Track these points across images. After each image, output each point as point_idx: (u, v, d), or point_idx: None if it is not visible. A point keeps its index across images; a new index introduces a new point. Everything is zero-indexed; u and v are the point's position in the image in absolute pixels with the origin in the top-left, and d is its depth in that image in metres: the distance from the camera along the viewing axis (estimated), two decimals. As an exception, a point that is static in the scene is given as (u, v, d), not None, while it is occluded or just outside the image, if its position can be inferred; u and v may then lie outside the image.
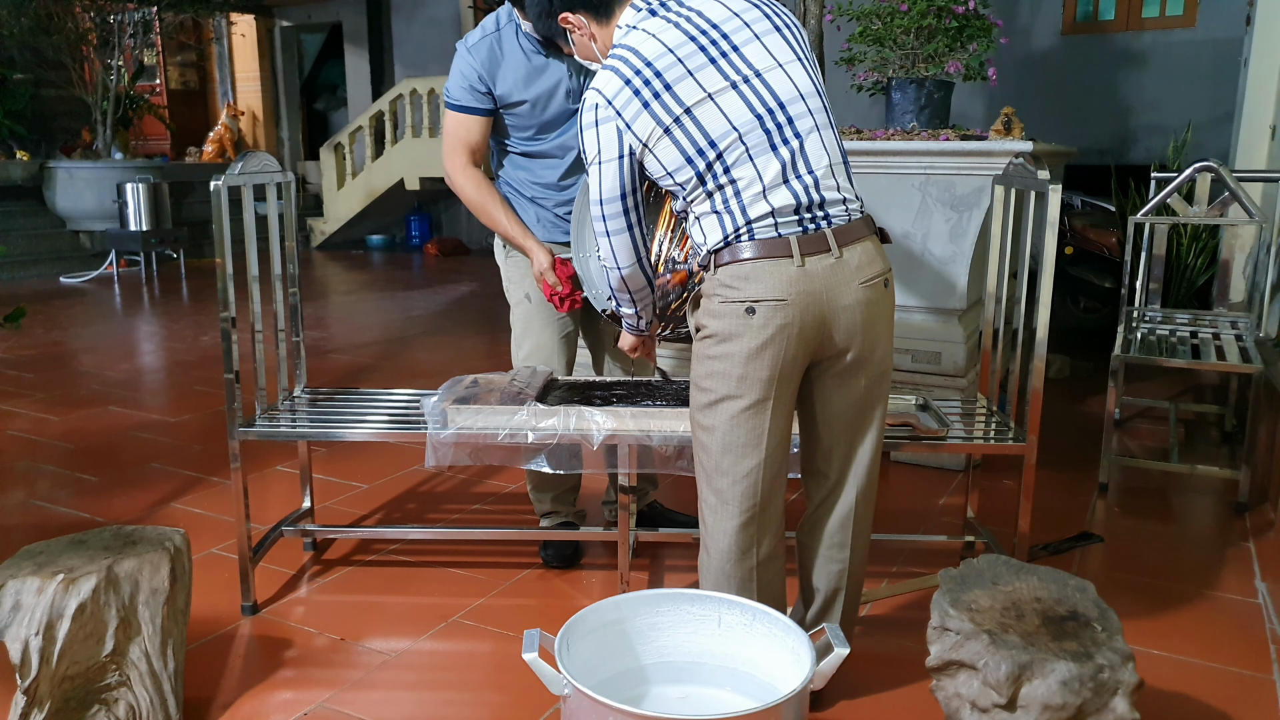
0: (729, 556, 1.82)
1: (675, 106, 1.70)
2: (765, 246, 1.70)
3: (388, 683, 2.14)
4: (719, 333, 1.74)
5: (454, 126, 2.51)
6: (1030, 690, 1.47)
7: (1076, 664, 1.46)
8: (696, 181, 1.73)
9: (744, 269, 1.71)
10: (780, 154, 1.71)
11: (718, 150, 1.71)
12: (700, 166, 1.72)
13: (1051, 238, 2.10)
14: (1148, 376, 4.66)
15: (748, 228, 1.71)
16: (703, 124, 1.70)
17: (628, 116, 1.72)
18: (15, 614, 1.71)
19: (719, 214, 1.74)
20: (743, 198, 1.72)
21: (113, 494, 3.27)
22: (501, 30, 2.48)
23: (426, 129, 10.11)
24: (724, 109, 1.70)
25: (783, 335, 1.71)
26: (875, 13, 3.74)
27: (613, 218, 1.83)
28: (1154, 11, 7.49)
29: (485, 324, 6.56)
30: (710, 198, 1.74)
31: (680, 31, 1.73)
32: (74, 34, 9.48)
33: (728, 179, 1.72)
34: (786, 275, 1.70)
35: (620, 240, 1.86)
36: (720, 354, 1.75)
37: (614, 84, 1.73)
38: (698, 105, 1.70)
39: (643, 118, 1.71)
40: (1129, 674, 1.47)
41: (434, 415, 2.27)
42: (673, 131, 1.71)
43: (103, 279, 8.57)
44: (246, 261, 2.41)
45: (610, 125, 1.74)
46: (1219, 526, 3.05)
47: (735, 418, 1.76)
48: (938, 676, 1.61)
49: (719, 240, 1.74)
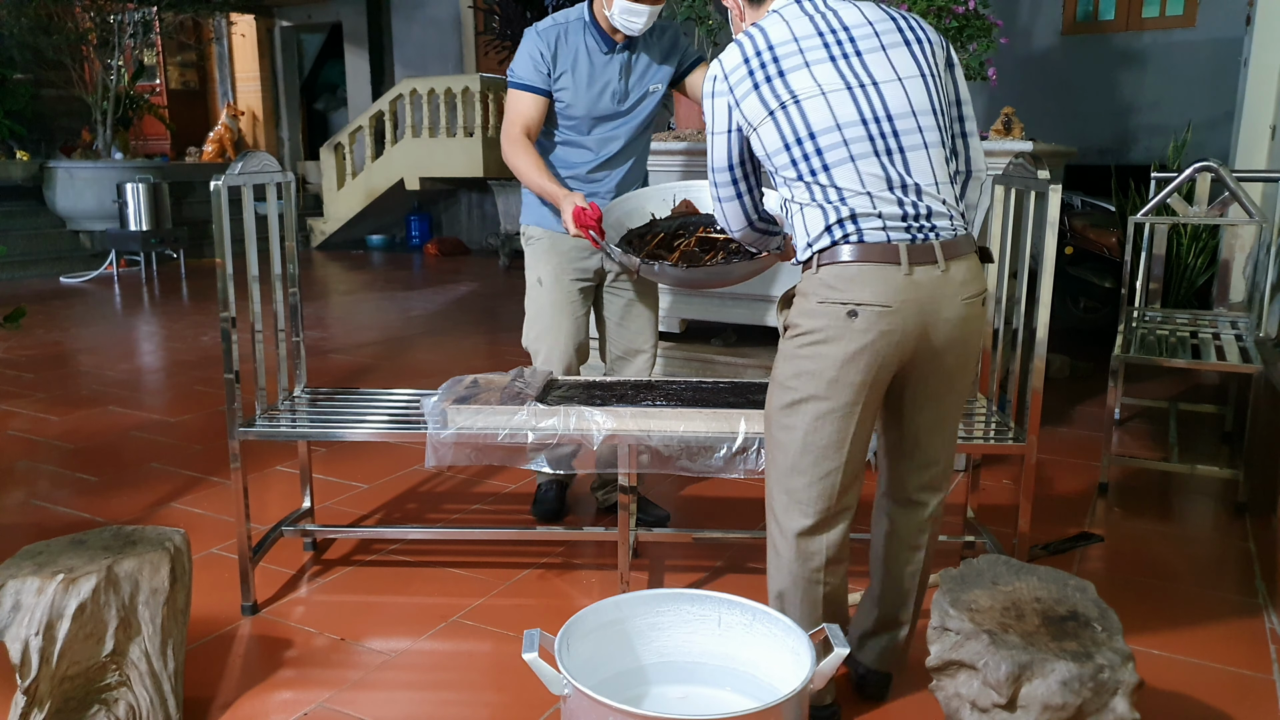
0: (797, 558, 1.83)
1: (784, 92, 1.73)
2: (874, 251, 1.69)
3: (388, 683, 2.14)
4: (815, 332, 1.73)
5: (514, 103, 2.68)
6: (1030, 690, 1.47)
7: (1076, 664, 1.46)
8: (792, 169, 1.75)
9: (849, 271, 1.70)
10: (884, 162, 1.72)
11: (816, 144, 1.72)
12: (796, 154, 1.74)
13: (1051, 238, 2.10)
14: (1148, 376, 4.66)
15: (856, 229, 1.70)
16: (806, 115, 1.73)
17: (738, 94, 1.77)
18: (15, 614, 1.71)
19: (821, 207, 1.73)
20: (844, 196, 1.72)
21: (113, 494, 3.27)
22: (571, 23, 2.69)
23: (426, 129, 10.11)
24: (832, 106, 1.72)
25: (883, 341, 1.70)
26: (875, 13, 3.74)
27: (723, 185, 1.90)
28: (1154, 11, 7.49)
29: (485, 324, 6.56)
30: (808, 189, 1.74)
31: (811, 24, 1.77)
32: (74, 34, 9.47)
33: (826, 177, 1.73)
34: (895, 282, 1.69)
35: (730, 207, 1.93)
36: (813, 354, 1.73)
37: (733, 60, 1.78)
38: (807, 97, 1.73)
39: (751, 98, 1.75)
40: (1129, 674, 1.47)
41: (434, 415, 2.27)
42: (776, 116, 1.74)
43: (103, 279, 8.57)
44: (246, 261, 2.41)
45: (723, 100, 1.80)
46: (1219, 526, 3.05)
47: (819, 420, 1.75)
48: (938, 676, 1.61)
49: (822, 234, 1.73)
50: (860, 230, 1.70)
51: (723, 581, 2.62)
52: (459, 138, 9.96)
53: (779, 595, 1.89)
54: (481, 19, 10.51)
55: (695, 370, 4.41)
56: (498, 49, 8.60)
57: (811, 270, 1.75)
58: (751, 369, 4.30)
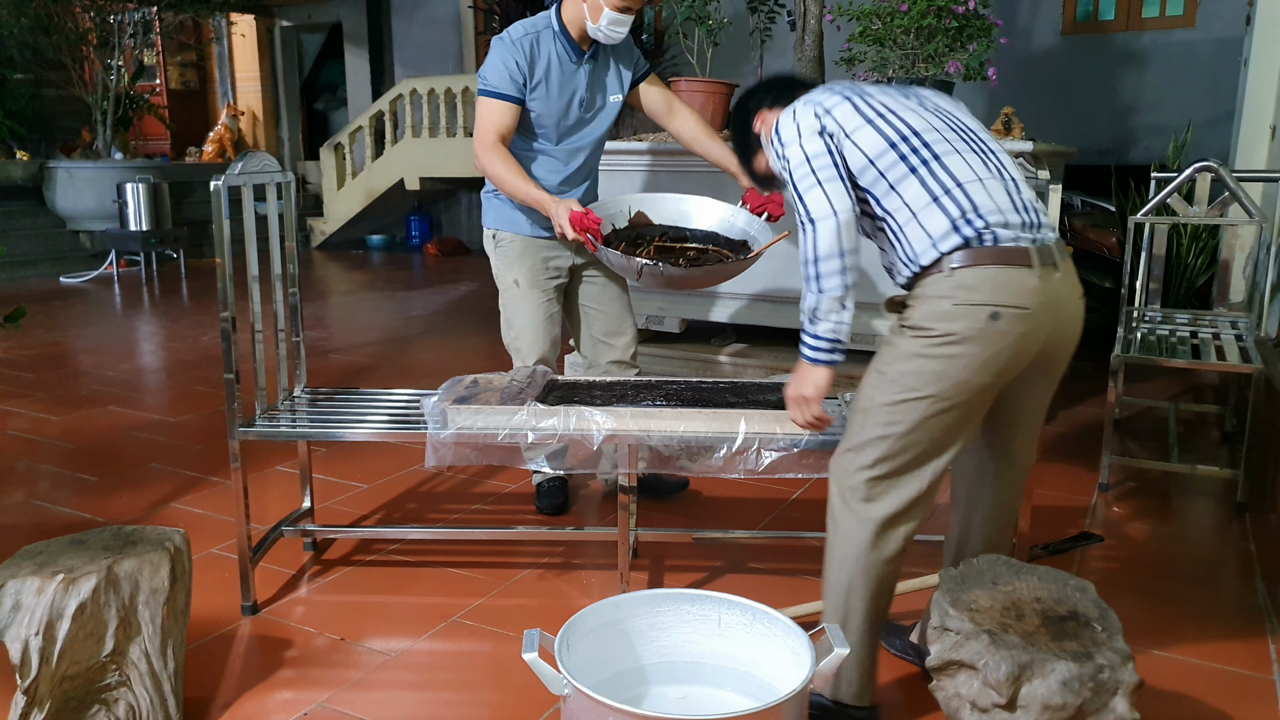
0: (872, 547, 1.82)
1: (875, 105, 1.82)
2: (1009, 254, 1.70)
3: (388, 683, 2.14)
4: (952, 335, 1.70)
5: (489, 112, 2.69)
6: (1030, 690, 1.47)
7: (1076, 664, 1.46)
8: (902, 164, 1.76)
9: (988, 273, 1.69)
10: (982, 158, 1.79)
11: (922, 139, 1.77)
12: (904, 149, 1.76)
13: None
14: (1148, 376, 4.66)
15: (985, 227, 1.70)
16: (904, 117, 1.80)
17: (827, 104, 1.81)
18: (15, 614, 1.71)
19: (939, 205, 1.73)
20: (963, 185, 1.73)
21: (113, 494, 3.27)
22: (541, 32, 2.72)
23: (426, 129, 10.11)
24: (919, 116, 1.83)
25: (1020, 344, 1.71)
26: (875, 13, 3.75)
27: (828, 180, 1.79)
28: (1154, 11, 7.49)
29: (485, 324, 6.56)
30: (923, 184, 1.74)
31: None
32: (74, 34, 9.48)
33: (939, 165, 1.75)
34: (1031, 284, 1.70)
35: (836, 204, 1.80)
36: (945, 355, 1.71)
37: (808, 99, 1.85)
38: (898, 107, 1.82)
39: (845, 107, 1.80)
40: (1129, 674, 1.47)
41: (434, 415, 2.27)
42: (876, 123, 1.78)
43: (103, 279, 8.57)
44: (246, 261, 2.41)
45: (809, 115, 1.81)
46: (1219, 526, 3.05)
47: (934, 418, 1.75)
48: (938, 676, 1.61)
49: (948, 234, 1.72)
50: (991, 230, 1.71)
51: (723, 581, 2.62)
52: (459, 138, 9.96)
53: (847, 587, 1.84)
54: (481, 19, 10.51)
55: (695, 370, 4.41)
56: (498, 49, 8.58)
57: (941, 273, 1.72)
58: (751, 369, 4.31)
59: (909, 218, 1.76)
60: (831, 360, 1.82)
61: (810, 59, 4.25)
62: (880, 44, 3.74)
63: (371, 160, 10.57)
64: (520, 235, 2.86)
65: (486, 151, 2.67)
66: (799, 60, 4.29)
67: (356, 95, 12.33)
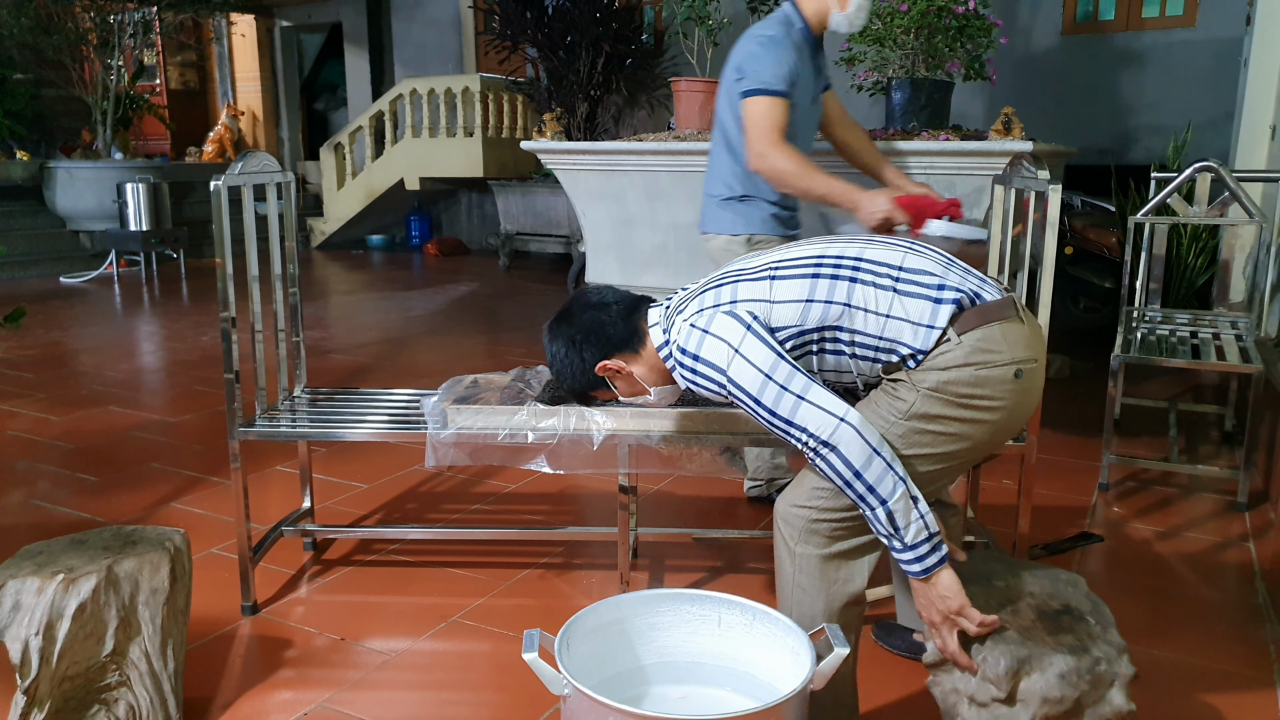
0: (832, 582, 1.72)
1: (757, 264, 1.71)
2: (1000, 309, 1.61)
3: (388, 683, 2.14)
4: (979, 400, 1.59)
5: (770, 110, 2.57)
6: (1029, 684, 1.48)
7: (1074, 657, 1.48)
8: (836, 281, 1.62)
9: (995, 331, 1.59)
10: (887, 243, 1.70)
11: (829, 254, 1.66)
12: (827, 270, 1.64)
13: (1051, 238, 2.10)
14: (1148, 376, 4.66)
15: (962, 292, 1.60)
16: (790, 253, 1.70)
17: (724, 299, 1.67)
18: (15, 614, 1.71)
19: (899, 290, 1.61)
20: (909, 269, 1.62)
21: (113, 494, 3.27)
22: (794, 26, 2.68)
23: (426, 129, 10.11)
24: (800, 247, 1.72)
25: (1036, 396, 1.67)
26: (875, 13, 3.74)
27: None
28: (1154, 11, 7.49)
29: (485, 324, 6.56)
30: (873, 285, 1.62)
31: None
32: (74, 34, 9.47)
33: (868, 263, 1.63)
34: (1025, 334, 1.63)
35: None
36: (969, 418, 1.61)
37: (706, 301, 1.70)
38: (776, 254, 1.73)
39: (743, 287, 1.66)
40: (1125, 666, 1.49)
41: (434, 415, 2.27)
42: (777, 272, 1.66)
43: (103, 279, 8.57)
44: (246, 261, 2.41)
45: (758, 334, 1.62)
46: (1219, 526, 3.05)
47: (931, 471, 1.65)
48: (934, 672, 1.62)
49: (934, 308, 1.59)
50: (971, 291, 1.61)
51: (723, 581, 2.62)
52: (459, 138, 9.96)
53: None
54: (481, 19, 10.50)
55: (695, 370, 4.40)
56: (498, 49, 8.59)
57: (950, 343, 1.58)
58: (751, 369, 4.30)
59: (882, 321, 1.61)
60: (941, 559, 1.55)
61: (810, 59, 4.25)
62: (880, 44, 3.75)
63: (371, 160, 10.57)
64: (775, 235, 2.79)
65: (775, 150, 2.54)
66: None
67: (356, 95, 12.33)
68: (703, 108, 4.43)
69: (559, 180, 4.66)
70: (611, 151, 4.36)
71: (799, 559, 1.69)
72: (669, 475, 3.33)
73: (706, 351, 1.61)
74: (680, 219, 4.35)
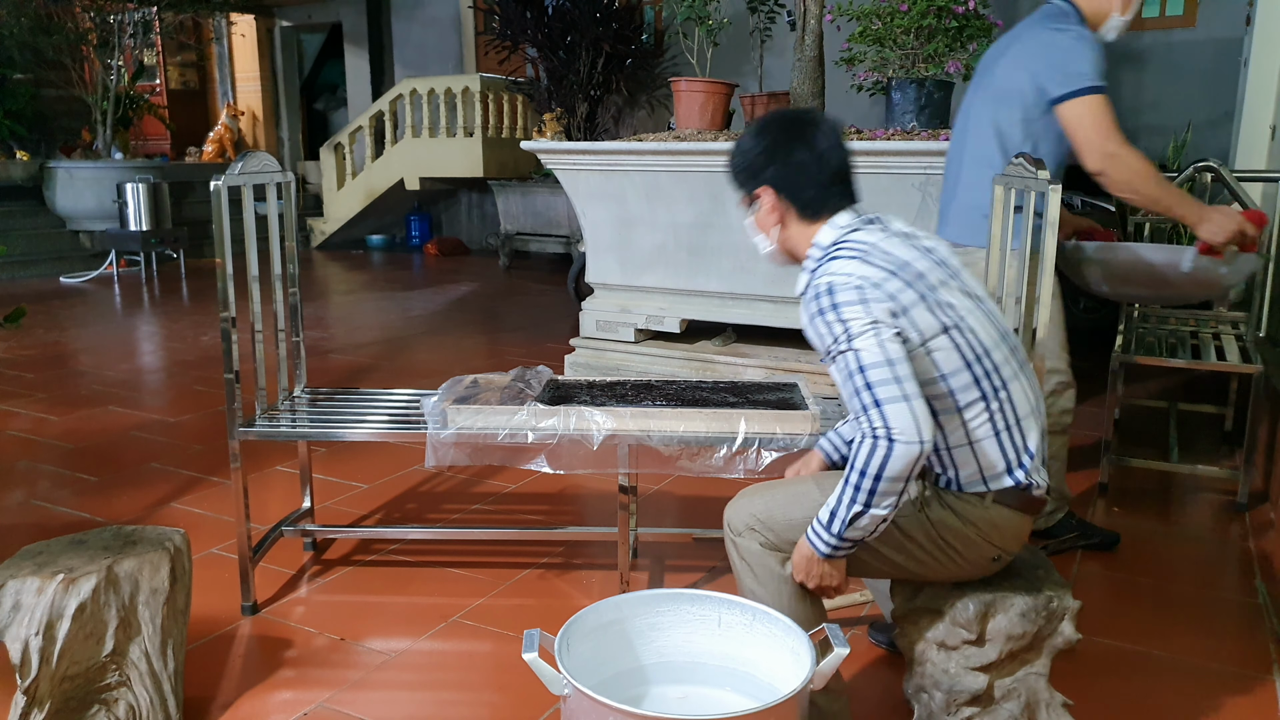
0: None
1: (948, 310, 1.61)
2: (1034, 504, 1.67)
3: (388, 683, 2.14)
4: (957, 551, 1.67)
5: (1108, 108, 2.47)
6: (995, 624, 1.68)
7: (1031, 596, 1.69)
8: (975, 388, 1.62)
9: (1014, 519, 1.67)
10: (1025, 387, 1.67)
11: (992, 360, 1.63)
12: (978, 371, 1.61)
13: (1051, 238, 2.10)
14: (1148, 376, 4.66)
15: (1025, 474, 1.65)
16: (976, 331, 1.63)
17: (904, 301, 1.59)
18: (15, 614, 1.71)
19: (999, 439, 1.64)
20: (1021, 422, 1.65)
21: (113, 494, 3.27)
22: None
23: (426, 129, 10.11)
24: (983, 322, 1.65)
25: (988, 573, 1.73)
26: (875, 13, 3.75)
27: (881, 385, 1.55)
28: (1154, 11, 7.49)
29: (485, 324, 6.56)
30: (989, 414, 1.63)
31: (906, 244, 1.66)
32: (74, 34, 9.47)
33: (1006, 393, 1.63)
34: (1027, 531, 1.70)
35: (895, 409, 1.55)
36: (935, 551, 1.68)
37: (871, 269, 1.60)
38: (967, 313, 1.63)
39: (921, 309, 1.59)
40: (1070, 600, 1.70)
41: (434, 415, 2.27)
42: (952, 334, 1.61)
43: (103, 279, 8.57)
44: (246, 261, 2.41)
45: (881, 305, 1.57)
46: (1219, 526, 3.05)
47: (882, 568, 1.76)
48: (902, 625, 1.78)
49: (1002, 475, 1.65)
50: (1030, 477, 1.65)
51: (723, 581, 2.62)
52: (459, 138, 9.96)
53: None
54: (481, 19, 10.50)
55: (695, 370, 4.41)
56: (498, 49, 8.59)
57: (979, 503, 1.66)
58: (751, 369, 4.31)
59: (964, 444, 1.65)
60: (845, 556, 1.66)
61: (810, 59, 4.25)
62: (880, 44, 3.75)
63: (371, 160, 10.57)
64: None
65: (1126, 148, 2.42)
66: (799, 60, 4.30)
67: (356, 95, 12.33)
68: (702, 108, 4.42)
69: (559, 180, 4.66)
70: (611, 151, 4.36)
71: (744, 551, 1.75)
72: (669, 475, 3.34)
73: (849, 317, 1.57)
74: (680, 219, 4.35)
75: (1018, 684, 1.71)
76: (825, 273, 1.62)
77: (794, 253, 1.76)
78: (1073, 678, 2.07)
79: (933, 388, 1.61)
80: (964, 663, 1.70)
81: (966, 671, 1.70)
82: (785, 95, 4.52)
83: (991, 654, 1.68)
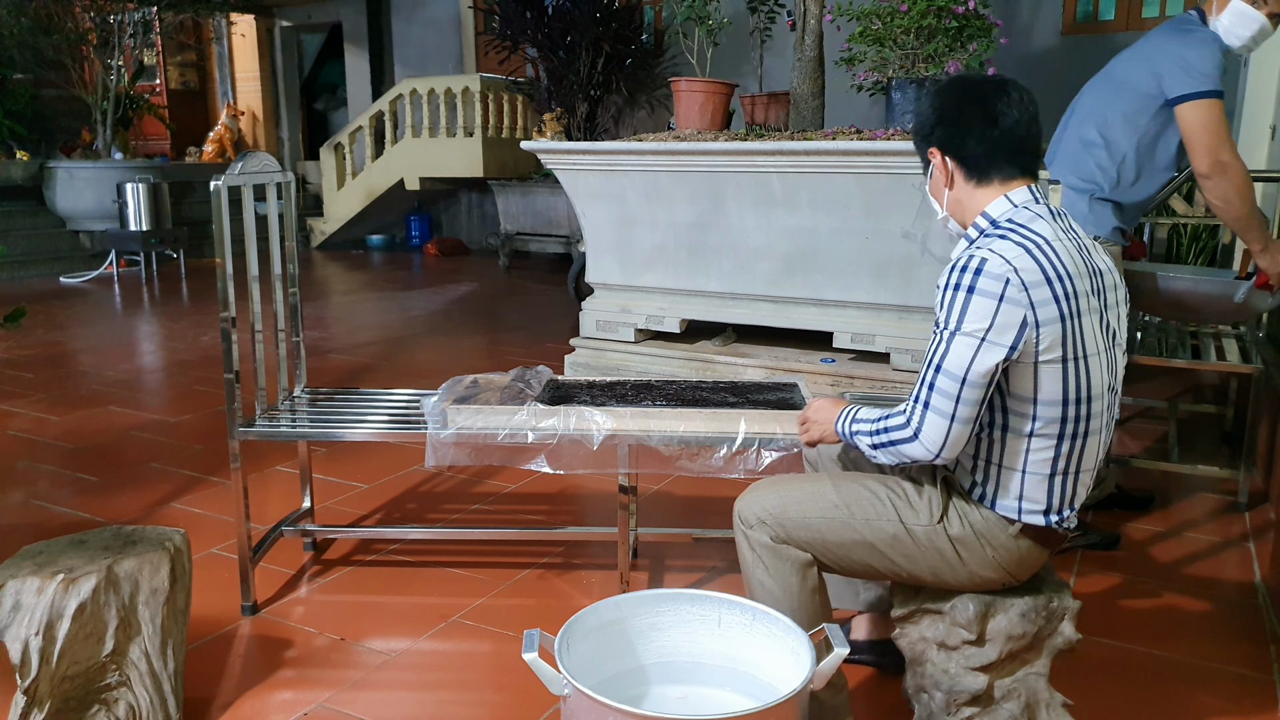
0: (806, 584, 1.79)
1: (1078, 341, 1.56)
2: (1055, 540, 1.68)
3: (388, 683, 2.14)
4: (959, 564, 1.68)
5: (1222, 115, 2.43)
6: (995, 624, 1.69)
7: (1031, 597, 1.70)
8: (1056, 428, 1.58)
9: (1034, 552, 1.68)
10: (1104, 440, 1.66)
11: (1090, 407, 1.59)
12: (1070, 414, 1.58)
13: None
14: (1148, 376, 4.66)
15: (1064, 519, 1.66)
16: (1090, 374, 1.58)
17: (1041, 315, 1.52)
18: (15, 614, 1.71)
19: (1053, 480, 1.63)
20: (1081, 476, 1.65)
21: (113, 494, 3.27)
22: None
23: (426, 129, 10.11)
24: (1100, 370, 1.60)
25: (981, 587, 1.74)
26: (875, 13, 3.75)
27: (966, 401, 1.55)
28: (1154, 11, 7.49)
29: (485, 324, 6.56)
30: (1055, 457, 1.61)
31: (1078, 260, 1.59)
32: (74, 34, 9.48)
33: (1080, 447, 1.61)
34: (1042, 561, 1.71)
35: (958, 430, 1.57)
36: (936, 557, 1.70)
37: (1031, 267, 1.53)
38: (1092, 354, 1.58)
39: (1054, 329, 1.53)
40: (1070, 600, 1.71)
41: (434, 415, 2.27)
42: (1069, 366, 1.56)
43: (103, 279, 8.57)
44: (246, 261, 2.41)
45: (1018, 310, 1.52)
46: (1219, 526, 3.05)
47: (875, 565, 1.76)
48: (902, 625, 1.78)
49: (1039, 513, 1.64)
50: (1064, 519, 1.66)
51: (723, 581, 2.62)
52: (459, 138, 9.96)
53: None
54: (481, 19, 10.50)
55: (695, 370, 4.41)
56: (498, 49, 8.59)
57: (1007, 531, 1.65)
58: (751, 369, 4.31)
59: (1016, 470, 1.63)
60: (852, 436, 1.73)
61: (810, 59, 4.25)
62: (880, 44, 3.75)
63: (371, 160, 10.57)
64: (1118, 245, 2.72)
65: (1238, 161, 2.38)
66: (799, 60, 4.30)
67: (356, 95, 12.33)
68: (702, 108, 4.42)
69: (559, 180, 4.66)
70: (611, 151, 4.36)
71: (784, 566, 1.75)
72: (669, 475, 3.34)
73: (972, 310, 1.53)
74: (680, 219, 4.35)
75: (1018, 684, 1.71)
76: (986, 248, 1.56)
77: (962, 218, 1.70)
78: (1073, 678, 2.07)
79: (1020, 403, 1.58)
80: (964, 663, 1.70)
81: (966, 671, 1.70)
82: (785, 95, 4.52)
83: (991, 654, 1.69)
